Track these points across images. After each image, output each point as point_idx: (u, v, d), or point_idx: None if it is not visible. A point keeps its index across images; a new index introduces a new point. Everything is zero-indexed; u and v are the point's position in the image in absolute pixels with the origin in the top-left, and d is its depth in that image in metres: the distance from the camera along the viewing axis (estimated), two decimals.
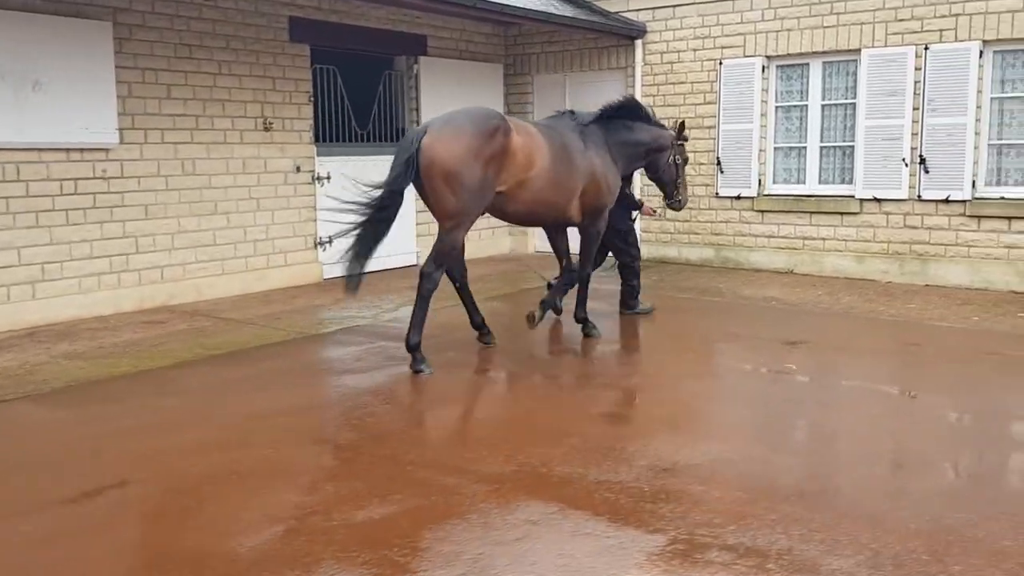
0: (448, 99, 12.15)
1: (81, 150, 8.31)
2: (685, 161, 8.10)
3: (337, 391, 6.20)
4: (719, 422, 5.50)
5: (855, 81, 10.55)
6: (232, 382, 6.29)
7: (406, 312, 8.72)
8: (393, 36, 11.41)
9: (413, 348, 6.41)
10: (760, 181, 11.32)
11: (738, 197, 11.45)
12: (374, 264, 11.19)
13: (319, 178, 10.57)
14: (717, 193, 11.62)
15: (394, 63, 11.86)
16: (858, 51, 10.42)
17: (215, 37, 9.38)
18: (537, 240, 13.50)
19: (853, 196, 10.57)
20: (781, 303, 9.20)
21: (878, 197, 10.38)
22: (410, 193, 6.56)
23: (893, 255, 10.40)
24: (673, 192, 8.11)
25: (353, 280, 6.53)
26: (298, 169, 10.33)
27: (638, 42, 12.01)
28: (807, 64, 10.95)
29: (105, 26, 8.32)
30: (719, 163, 11.51)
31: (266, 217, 10.04)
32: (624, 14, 12.13)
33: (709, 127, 11.58)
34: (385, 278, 10.88)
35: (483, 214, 6.73)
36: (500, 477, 4.38)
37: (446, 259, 6.46)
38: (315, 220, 10.56)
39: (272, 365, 6.74)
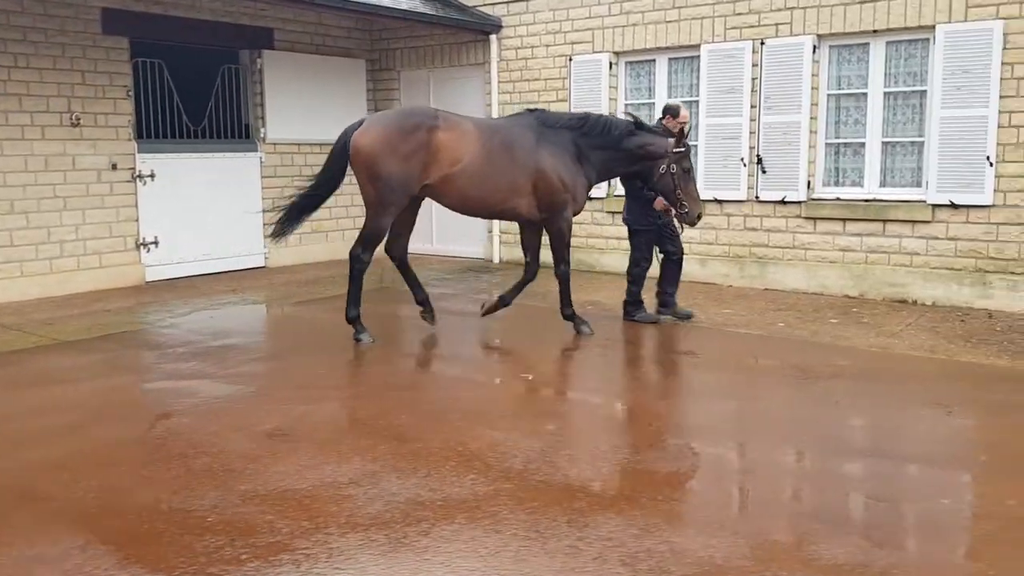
0: (300, 95, 11.79)
1: None
2: (687, 171, 7.27)
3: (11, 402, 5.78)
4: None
5: (698, 78, 10.17)
6: None
7: (197, 316, 8.37)
8: (232, 29, 11.00)
9: (352, 320, 7.22)
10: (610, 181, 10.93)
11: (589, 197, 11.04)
12: (219, 265, 10.97)
13: (140, 176, 10.14)
14: None
15: (239, 57, 11.45)
16: (698, 46, 10.04)
17: (9, 29, 8.96)
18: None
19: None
20: (601, 307, 8.80)
21: (719, 198, 10.00)
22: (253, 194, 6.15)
23: (734, 258, 10.02)
24: (678, 204, 7.33)
25: (277, 233, 7.61)
26: (114, 167, 9.90)
27: (493, 37, 11.61)
28: (654, 60, 10.57)
29: None
30: None
31: (75, 217, 9.61)
32: (481, 8, 11.75)
33: None
34: (222, 280, 10.49)
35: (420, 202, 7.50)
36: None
37: (373, 243, 7.12)
38: (137, 220, 10.14)
39: None
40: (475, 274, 11.16)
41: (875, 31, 8.99)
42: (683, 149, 7.26)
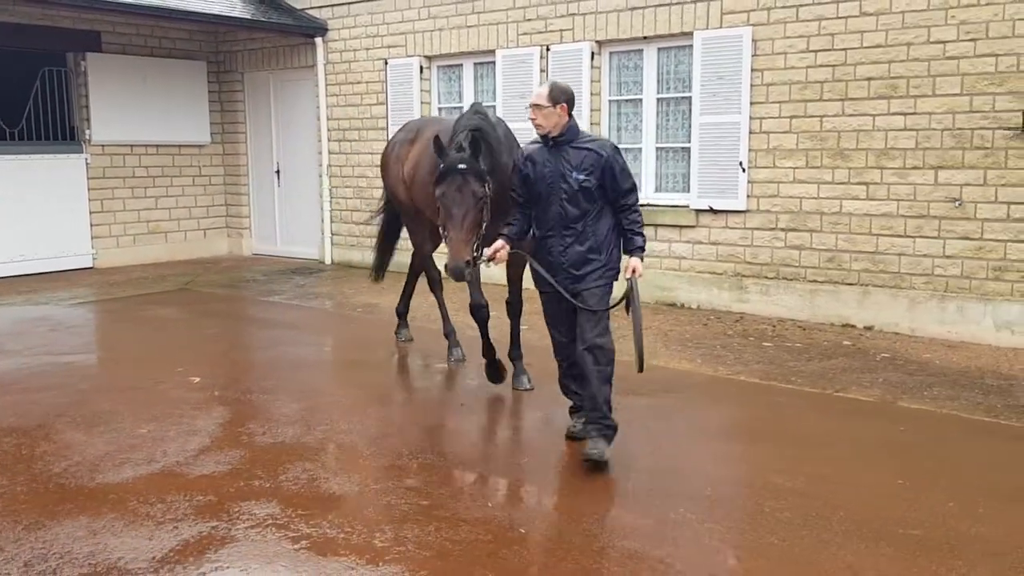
0: (132, 97, 11.91)
1: None
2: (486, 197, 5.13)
3: None
4: None
5: (495, 82, 10.28)
6: None
7: None
8: (52, 32, 11.12)
9: (399, 314, 7.64)
10: None
11: None
12: (42, 265, 11.10)
13: None
14: None
15: (65, 60, 11.57)
16: (494, 51, 10.15)
17: None
18: (255, 242, 13.24)
19: None
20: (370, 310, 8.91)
21: None
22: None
23: None
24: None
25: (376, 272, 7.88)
26: None
27: (319, 40, 11.73)
28: (462, 64, 10.68)
29: None
30: None
31: None
32: (308, 11, 11.87)
33: (381, 128, 11.29)
34: (40, 280, 10.62)
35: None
36: None
37: (417, 253, 7.28)
38: None
39: None
40: (297, 275, 11.26)
41: (646, 37, 9.08)
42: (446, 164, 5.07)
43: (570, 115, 4.66)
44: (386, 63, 11.16)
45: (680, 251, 9.05)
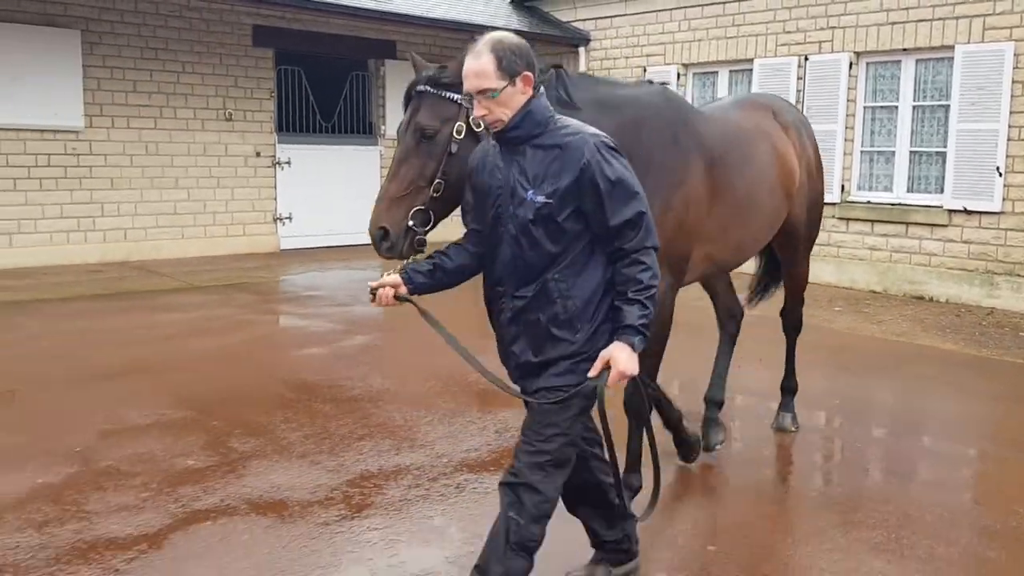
0: None
1: (54, 131, 10.47)
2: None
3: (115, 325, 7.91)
4: None
5: (750, 88, 11.26)
6: (64, 314, 8.12)
7: (305, 276, 10.44)
8: (359, 42, 13.06)
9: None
10: None
11: None
12: (339, 239, 13.08)
13: (279, 162, 12.39)
14: None
15: (366, 65, 13.52)
16: (752, 61, 11.14)
17: (179, 42, 11.36)
18: None
19: None
20: None
21: None
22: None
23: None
24: None
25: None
26: (258, 154, 12.18)
27: (582, 49, 13.11)
28: (717, 72, 11.74)
29: (74, 33, 10.43)
30: None
31: (225, 193, 11.95)
32: (574, 23, 13.26)
33: None
34: (339, 252, 12.56)
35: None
36: None
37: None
38: (275, 198, 12.40)
39: (116, 304, 8.52)
40: None
41: (905, 49, 9.82)
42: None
43: (536, 90, 2.72)
44: (644, 70, 12.37)
45: (931, 248, 9.74)
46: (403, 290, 2.90)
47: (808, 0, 10.51)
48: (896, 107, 10.07)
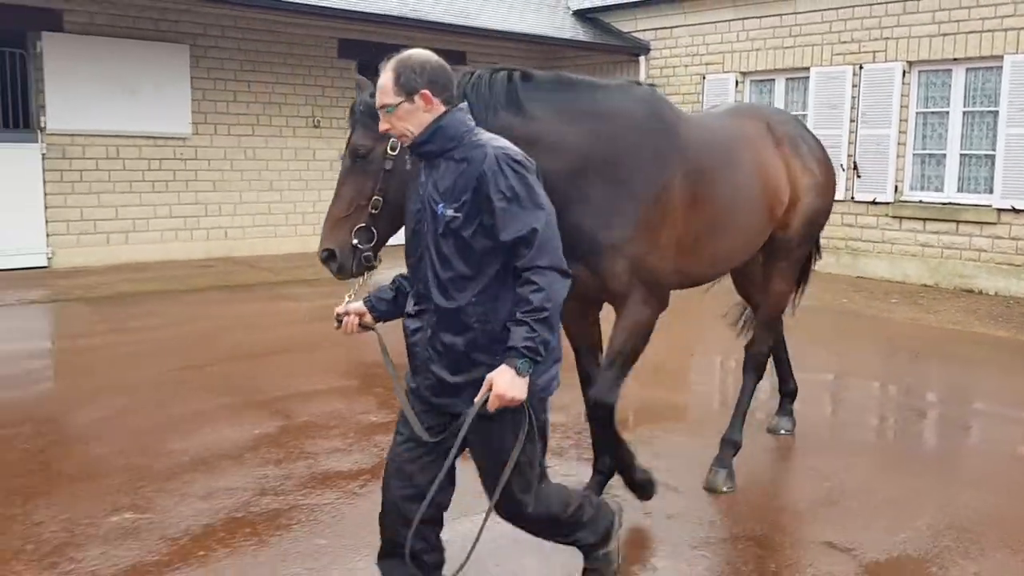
0: None
1: (165, 138, 11.43)
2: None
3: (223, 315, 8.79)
4: None
5: (806, 95, 12.01)
6: (194, 302, 9.03)
7: None
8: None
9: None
10: None
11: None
12: None
13: None
14: None
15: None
16: (808, 69, 11.89)
17: (272, 55, 12.29)
18: None
19: None
20: None
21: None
22: None
23: (832, 250, 11.78)
24: None
25: None
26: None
27: (642, 58, 13.90)
28: (773, 79, 12.49)
29: (183, 48, 11.39)
30: None
31: (313, 195, 12.86)
32: (634, 34, 14.06)
33: None
34: None
35: None
36: None
37: None
38: None
39: (236, 295, 9.42)
40: None
41: (956, 59, 10.54)
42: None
43: (448, 105, 2.71)
44: (703, 77, 13.14)
45: (980, 244, 10.44)
46: (368, 318, 2.98)
47: (862, 12, 11.26)
48: (947, 112, 10.77)
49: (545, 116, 3.35)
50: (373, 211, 3.09)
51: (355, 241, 3.10)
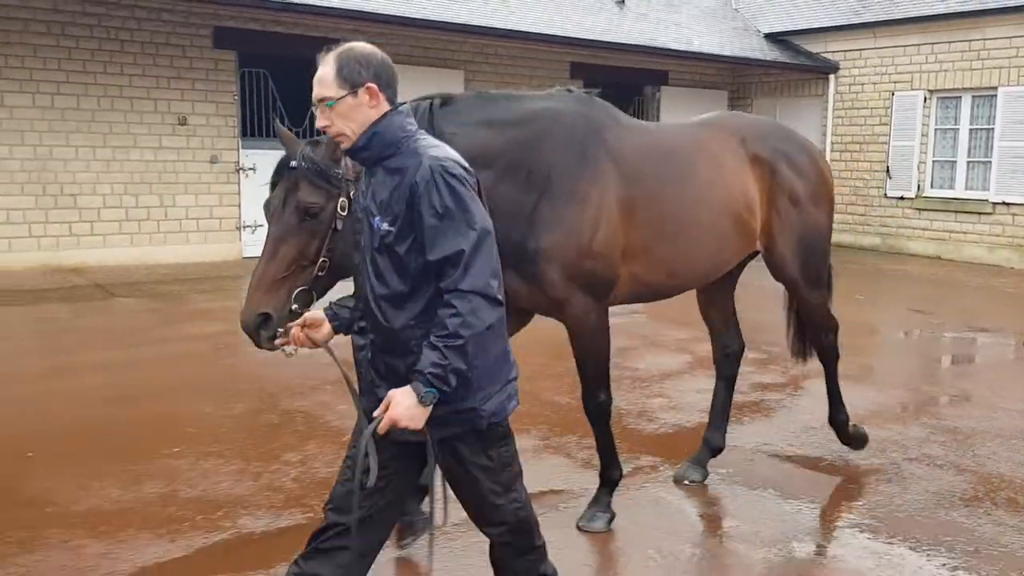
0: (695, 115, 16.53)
1: None
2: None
3: None
4: None
5: (993, 112, 13.55)
6: None
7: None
8: (634, 72, 15.87)
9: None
10: (919, 185, 14.54)
11: (901, 197, 14.73)
12: None
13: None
14: (885, 194, 14.96)
15: (643, 91, 16.31)
16: (995, 88, 13.45)
17: (514, 77, 14.42)
18: None
19: (987, 200, 13.55)
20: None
21: (1007, 201, 13.32)
22: None
23: (1016, 247, 13.31)
24: None
25: None
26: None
27: (831, 76, 15.61)
28: (960, 97, 14.07)
29: (459, 73, 13.62)
30: (888, 171, 14.86)
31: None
32: (823, 55, 15.78)
33: (883, 143, 14.95)
34: None
35: None
36: None
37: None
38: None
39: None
40: None
41: None
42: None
43: (392, 104, 2.52)
44: (892, 94, 14.79)
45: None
46: (324, 331, 2.71)
47: None
48: None
49: (463, 130, 3.34)
50: (320, 273, 2.97)
51: (295, 306, 2.92)
